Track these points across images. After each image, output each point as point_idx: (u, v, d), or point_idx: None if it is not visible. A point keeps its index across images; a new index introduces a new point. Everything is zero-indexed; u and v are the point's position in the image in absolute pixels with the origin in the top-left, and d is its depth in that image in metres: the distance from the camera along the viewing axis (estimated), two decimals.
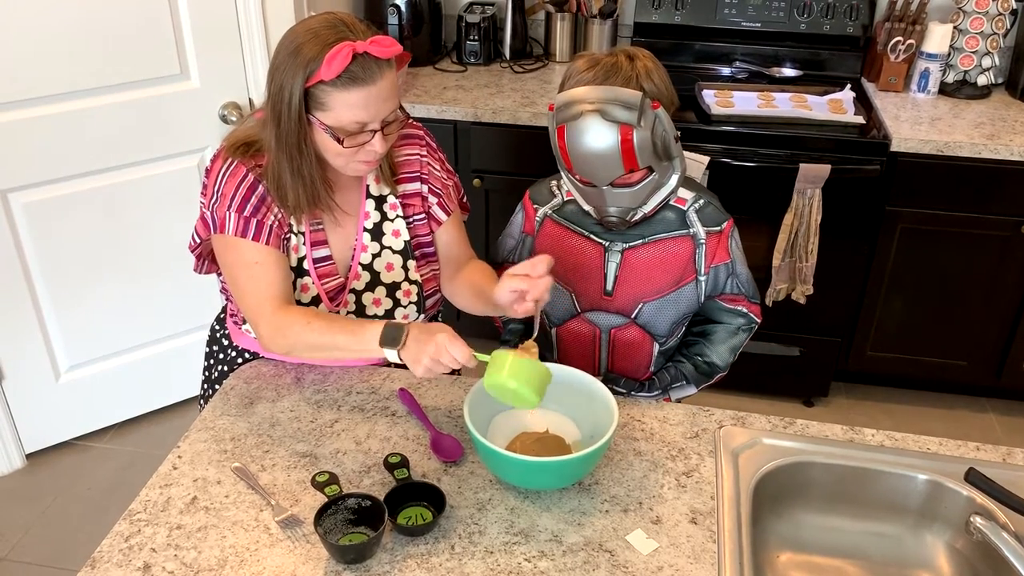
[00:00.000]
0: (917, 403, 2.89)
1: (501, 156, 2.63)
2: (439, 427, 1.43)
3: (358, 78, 1.32)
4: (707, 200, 1.51)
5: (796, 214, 2.47)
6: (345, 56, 1.29)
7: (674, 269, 1.51)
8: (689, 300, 1.54)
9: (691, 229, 1.50)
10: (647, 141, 1.36)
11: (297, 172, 1.40)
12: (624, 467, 1.37)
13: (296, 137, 1.37)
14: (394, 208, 1.55)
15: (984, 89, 2.69)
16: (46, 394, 2.55)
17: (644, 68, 1.39)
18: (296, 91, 1.33)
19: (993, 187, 2.45)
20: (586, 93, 1.36)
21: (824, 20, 2.77)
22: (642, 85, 1.37)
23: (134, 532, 1.25)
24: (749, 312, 1.57)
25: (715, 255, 1.51)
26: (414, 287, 1.57)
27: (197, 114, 2.41)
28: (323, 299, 1.52)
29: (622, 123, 1.33)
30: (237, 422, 1.46)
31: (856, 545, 1.40)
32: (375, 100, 1.34)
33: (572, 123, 1.37)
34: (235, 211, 1.43)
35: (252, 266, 1.45)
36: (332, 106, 1.34)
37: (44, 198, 2.33)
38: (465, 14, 2.88)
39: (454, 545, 1.23)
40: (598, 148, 1.35)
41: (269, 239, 1.44)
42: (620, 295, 1.52)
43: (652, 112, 1.35)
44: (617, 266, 1.51)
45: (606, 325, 1.55)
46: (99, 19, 2.21)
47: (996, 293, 2.60)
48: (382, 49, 1.32)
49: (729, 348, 1.58)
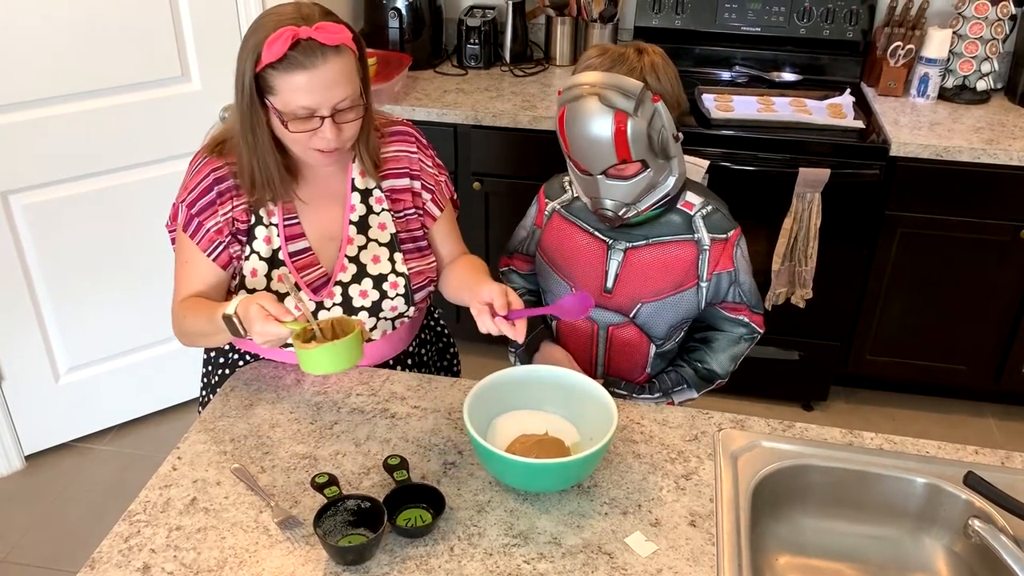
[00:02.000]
0: (916, 407, 2.89)
1: (501, 159, 2.64)
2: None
3: (299, 62, 1.34)
4: (715, 207, 1.51)
5: (796, 218, 2.47)
6: (285, 40, 1.32)
7: (675, 272, 1.51)
8: (689, 305, 1.55)
9: (696, 234, 1.50)
10: (642, 133, 1.37)
11: (252, 153, 1.44)
12: (623, 469, 1.37)
13: (250, 121, 1.41)
14: (380, 201, 1.57)
15: (983, 94, 2.70)
16: (46, 395, 2.55)
17: (651, 63, 1.42)
18: (247, 75, 1.37)
19: (992, 192, 2.45)
20: (590, 77, 1.39)
21: (824, 25, 2.77)
22: (645, 78, 1.39)
23: (133, 533, 1.25)
24: (751, 322, 1.57)
25: (718, 262, 1.51)
26: (401, 279, 1.57)
27: (198, 116, 2.41)
28: (304, 289, 1.53)
29: (618, 109, 1.35)
30: (237, 423, 1.46)
31: (855, 548, 1.40)
32: (319, 86, 1.36)
33: (571, 104, 1.39)
34: (186, 205, 1.51)
35: (183, 264, 1.54)
36: (279, 90, 1.37)
37: (45, 200, 2.33)
38: (466, 18, 2.89)
39: (453, 547, 1.23)
40: (592, 132, 1.38)
41: (201, 240, 1.50)
42: (619, 293, 1.53)
43: (651, 105, 1.37)
44: (619, 264, 1.51)
45: (604, 322, 1.56)
46: (100, 21, 2.21)
47: (995, 297, 2.60)
48: (327, 35, 1.34)
49: (730, 356, 1.58)
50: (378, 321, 1.58)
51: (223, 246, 1.51)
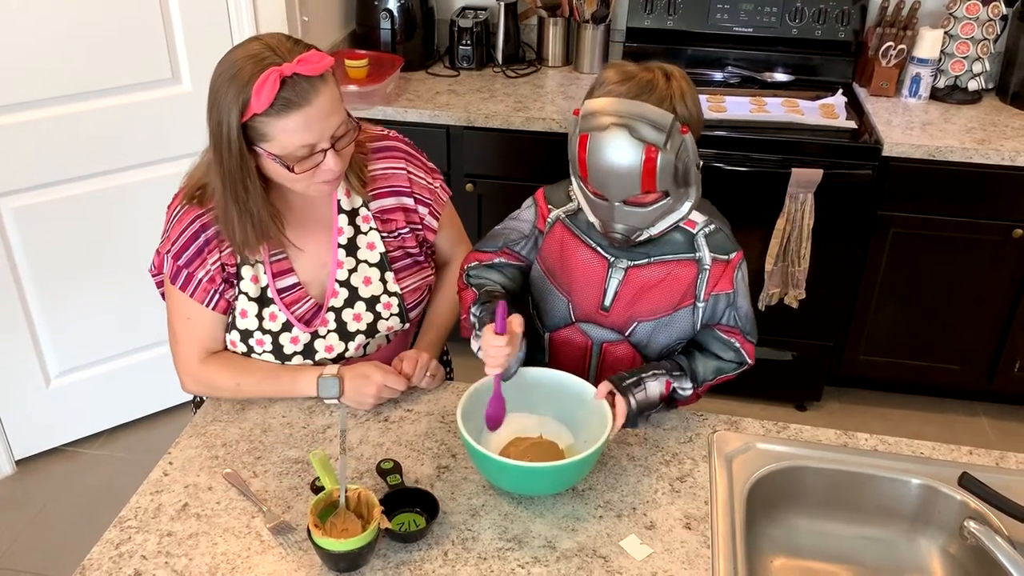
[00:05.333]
0: (909, 407, 2.89)
1: (494, 161, 2.63)
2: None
3: (292, 102, 1.27)
4: (719, 226, 1.46)
5: (788, 219, 2.47)
6: (273, 83, 1.25)
7: (675, 292, 1.47)
8: (684, 325, 1.50)
9: (698, 253, 1.45)
10: (670, 165, 1.31)
11: (244, 209, 1.37)
12: (618, 472, 1.37)
13: (240, 174, 1.33)
14: (367, 220, 1.53)
15: (975, 94, 2.70)
16: (36, 400, 2.53)
17: (679, 89, 1.33)
18: (233, 127, 1.29)
19: (984, 192, 2.45)
20: (617, 105, 1.31)
21: (816, 25, 2.78)
22: (675, 107, 1.32)
23: (124, 539, 1.24)
24: (742, 349, 1.51)
25: (718, 283, 1.46)
26: (394, 299, 1.55)
27: (189, 118, 2.39)
28: (295, 324, 1.50)
29: (648, 143, 1.29)
30: (228, 428, 1.45)
31: (850, 550, 1.40)
32: (316, 120, 1.30)
33: (597, 134, 1.31)
34: (172, 257, 1.46)
35: (184, 319, 1.50)
36: (274, 135, 1.30)
37: (34, 203, 2.32)
38: (458, 19, 2.88)
39: (447, 552, 1.22)
40: (619, 164, 1.31)
41: (195, 292, 1.47)
42: (616, 312, 1.50)
43: (680, 136, 1.31)
44: (619, 283, 1.47)
45: (599, 339, 1.53)
46: (89, 23, 2.20)
47: (988, 297, 2.61)
48: (311, 67, 1.27)
49: (715, 368, 1.51)
50: (373, 339, 1.57)
51: (219, 294, 1.47)
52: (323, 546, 1.16)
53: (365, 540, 1.16)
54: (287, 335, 1.50)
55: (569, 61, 2.98)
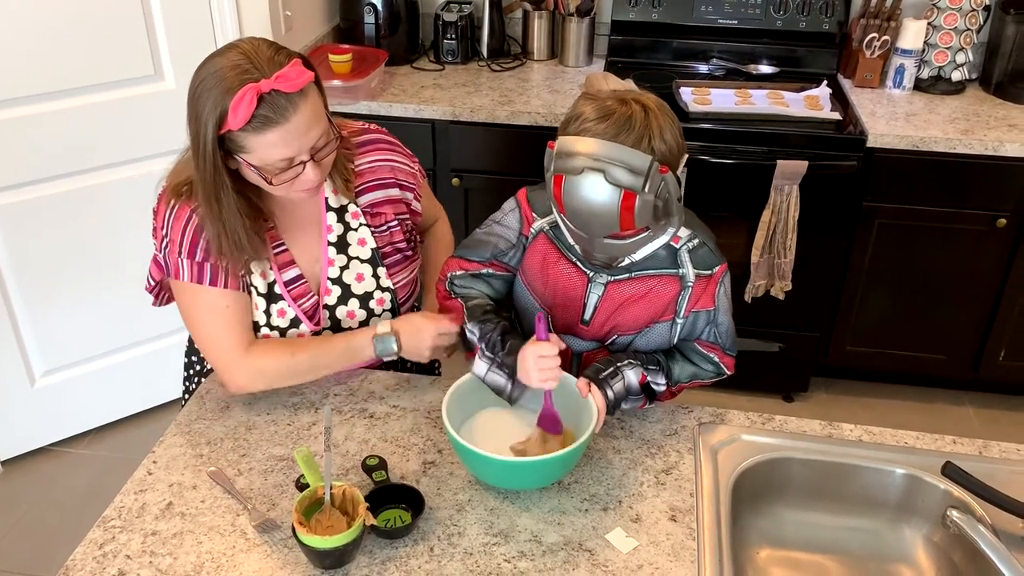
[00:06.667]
0: (896, 397, 2.91)
1: (480, 155, 2.62)
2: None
3: (270, 119, 1.26)
4: (702, 240, 1.43)
5: (774, 210, 2.48)
6: (250, 102, 1.23)
7: (656, 308, 1.45)
8: (661, 339, 1.48)
9: (681, 269, 1.42)
10: (648, 205, 1.27)
11: (217, 219, 1.36)
12: (603, 465, 1.37)
13: (213, 186, 1.32)
14: (356, 217, 1.52)
15: (958, 84, 2.71)
16: (21, 399, 2.52)
17: (658, 126, 1.28)
18: (209, 142, 1.28)
19: (968, 182, 2.46)
20: (593, 147, 1.26)
21: (800, 17, 2.78)
22: (653, 146, 1.26)
23: (108, 539, 1.24)
24: (721, 363, 1.49)
25: (699, 300, 1.44)
26: (387, 295, 1.55)
27: (172, 115, 2.35)
28: (303, 320, 1.50)
29: (625, 188, 1.25)
30: (213, 426, 1.45)
31: (835, 540, 1.41)
32: (295, 136, 1.29)
33: (572, 177, 1.27)
34: (187, 257, 1.41)
35: (223, 310, 1.44)
36: (252, 148, 1.29)
37: (16, 201, 2.30)
38: (442, 12, 2.87)
39: (433, 547, 1.22)
40: (596, 208, 1.27)
41: (227, 281, 1.43)
42: (596, 325, 1.48)
43: (659, 176, 1.26)
44: (599, 298, 1.45)
45: (579, 349, 1.52)
46: (70, 20, 2.18)
47: (973, 287, 2.62)
48: (289, 83, 1.26)
49: (692, 373, 1.50)
50: None
51: (245, 276, 1.46)
52: (308, 544, 1.16)
53: (350, 537, 1.16)
54: (294, 331, 1.50)
55: (554, 55, 2.97)
